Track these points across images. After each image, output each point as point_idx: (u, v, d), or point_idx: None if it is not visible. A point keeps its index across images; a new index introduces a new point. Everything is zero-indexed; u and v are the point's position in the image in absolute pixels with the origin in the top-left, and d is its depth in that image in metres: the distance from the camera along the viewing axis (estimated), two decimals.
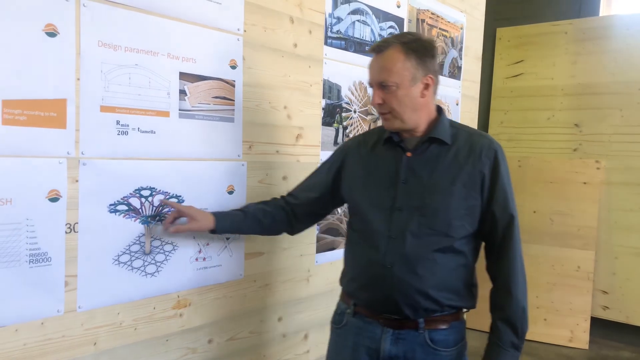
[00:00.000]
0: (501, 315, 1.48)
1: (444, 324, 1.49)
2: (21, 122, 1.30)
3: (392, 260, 1.45)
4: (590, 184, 4.00)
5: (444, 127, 1.50)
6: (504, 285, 1.48)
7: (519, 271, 1.48)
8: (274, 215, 1.68)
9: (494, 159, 1.47)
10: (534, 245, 4.09)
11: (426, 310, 1.46)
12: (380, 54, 1.45)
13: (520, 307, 1.46)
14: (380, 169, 1.54)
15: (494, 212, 1.47)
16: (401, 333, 1.48)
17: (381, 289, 1.47)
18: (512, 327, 1.46)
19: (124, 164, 1.51)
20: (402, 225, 1.46)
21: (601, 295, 4.03)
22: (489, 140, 1.50)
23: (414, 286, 1.44)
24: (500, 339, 1.46)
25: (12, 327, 1.32)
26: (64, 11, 1.36)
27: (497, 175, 1.46)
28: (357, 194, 1.59)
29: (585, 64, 4.21)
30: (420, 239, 1.44)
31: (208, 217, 1.59)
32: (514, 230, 1.48)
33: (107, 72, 1.46)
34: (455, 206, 1.45)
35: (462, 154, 1.48)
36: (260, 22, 1.87)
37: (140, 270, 1.57)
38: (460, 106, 3.02)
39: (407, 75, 1.43)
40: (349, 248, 1.62)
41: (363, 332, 1.53)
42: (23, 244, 1.32)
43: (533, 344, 3.97)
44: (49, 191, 1.36)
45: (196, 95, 1.68)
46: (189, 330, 1.73)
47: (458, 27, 2.95)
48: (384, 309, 1.49)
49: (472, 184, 1.45)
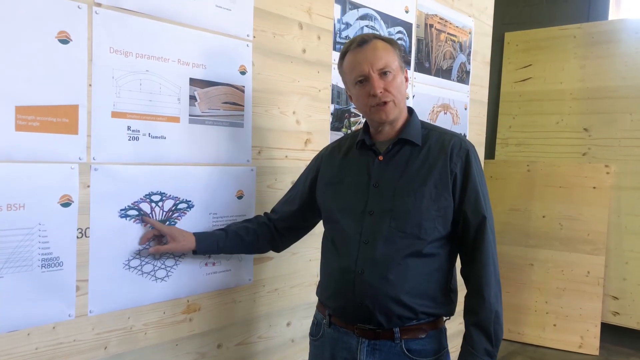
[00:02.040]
0: (474, 320, 1.41)
1: (421, 333, 1.43)
2: (34, 128, 1.31)
3: (363, 266, 1.41)
4: (599, 188, 3.98)
5: (415, 128, 1.48)
6: (475, 289, 1.42)
7: (491, 274, 1.41)
8: (256, 232, 1.66)
9: (465, 158, 1.43)
10: (543, 250, 4.07)
11: (400, 318, 1.40)
12: (367, 45, 1.43)
13: (492, 311, 1.39)
14: (352, 173, 1.51)
15: (465, 213, 1.42)
16: (377, 344, 1.42)
17: (353, 296, 1.42)
18: (485, 333, 1.39)
19: (135, 169, 1.52)
20: (373, 229, 1.42)
21: (611, 300, 4.00)
22: (460, 140, 1.46)
23: (385, 292, 1.39)
24: (473, 346, 1.39)
25: (25, 331, 1.33)
26: (77, 18, 1.38)
27: (468, 174, 1.42)
28: (329, 200, 1.55)
29: (594, 68, 4.19)
30: (392, 243, 1.40)
31: (189, 237, 1.58)
32: (486, 231, 1.42)
33: (119, 78, 1.47)
34: (426, 207, 1.40)
35: (433, 154, 1.44)
36: (270, 28, 1.88)
37: (151, 275, 1.58)
38: (468, 111, 3.02)
39: (398, 64, 1.45)
40: (323, 257, 1.58)
41: (339, 343, 1.48)
42: (35, 248, 1.33)
43: (542, 350, 3.95)
44: (60, 196, 1.38)
45: (206, 100, 1.69)
46: (199, 335, 1.74)
47: (466, 31, 2.95)
48: (357, 317, 1.43)
49: (444, 184, 1.41)
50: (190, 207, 1.66)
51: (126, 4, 1.48)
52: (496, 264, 1.43)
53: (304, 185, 1.67)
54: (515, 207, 4.22)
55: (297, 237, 1.77)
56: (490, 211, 1.45)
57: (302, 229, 1.75)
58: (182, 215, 1.64)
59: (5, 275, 1.29)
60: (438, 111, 2.75)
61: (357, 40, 1.45)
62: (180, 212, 1.63)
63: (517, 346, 4.01)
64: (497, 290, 1.41)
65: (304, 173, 1.71)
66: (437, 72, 2.74)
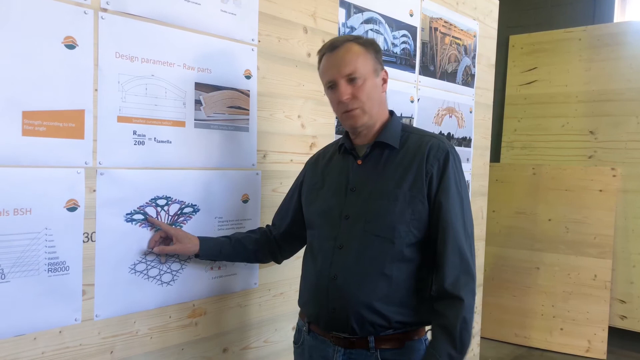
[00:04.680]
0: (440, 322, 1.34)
1: (396, 343, 1.38)
2: (40, 132, 1.32)
3: (336, 271, 1.39)
4: (606, 191, 3.96)
5: (393, 131, 1.45)
6: (442, 292, 1.34)
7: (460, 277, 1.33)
8: (259, 242, 1.67)
9: (443, 160, 1.37)
10: (549, 254, 4.05)
11: (373, 326, 1.36)
12: (338, 50, 1.39)
13: (460, 316, 1.31)
14: (332, 179, 1.51)
15: (437, 216, 1.36)
16: (352, 353, 1.39)
17: (327, 302, 1.40)
18: (450, 337, 1.31)
19: (141, 173, 1.53)
20: (348, 233, 1.40)
21: (619, 304, 3.98)
22: (439, 141, 1.41)
23: (358, 298, 1.35)
24: (436, 349, 1.31)
25: (31, 335, 1.34)
26: (83, 24, 1.39)
27: (443, 177, 1.36)
28: (310, 207, 1.55)
29: (599, 71, 4.18)
30: (365, 248, 1.37)
31: (193, 240, 1.58)
32: (454, 236, 1.34)
33: (124, 83, 1.48)
34: (400, 210, 1.36)
35: (409, 156, 1.40)
36: (275, 33, 1.88)
37: (156, 279, 1.58)
38: (473, 114, 3.01)
39: (370, 67, 1.40)
40: (302, 263, 1.57)
41: (316, 351, 1.47)
42: (42, 253, 1.34)
43: (549, 354, 3.92)
44: (67, 201, 1.38)
45: (211, 105, 1.69)
46: (204, 339, 1.73)
47: (471, 34, 2.95)
48: (332, 325, 1.41)
49: (418, 187, 1.37)
50: (196, 211, 1.67)
51: (132, 9, 1.48)
52: (467, 267, 1.35)
53: (292, 197, 1.66)
54: (521, 211, 4.20)
55: (297, 247, 1.73)
56: (466, 216, 1.38)
57: (301, 239, 1.65)
58: (187, 219, 1.64)
59: (12, 280, 1.29)
60: (443, 114, 2.75)
61: (327, 45, 1.43)
62: (186, 216, 1.64)
63: (523, 350, 3.99)
64: (467, 294, 1.33)
65: (293, 184, 1.70)
66: (442, 76, 2.74)
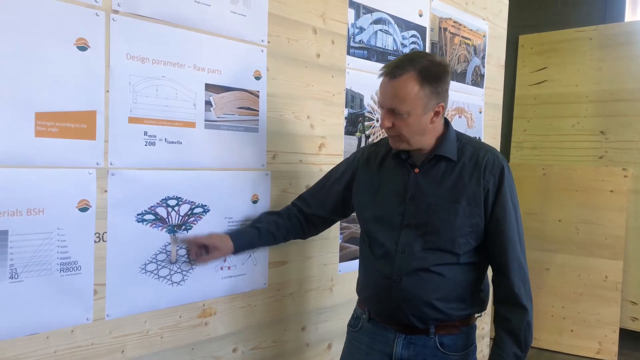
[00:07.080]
0: (505, 326, 1.49)
1: (454, 330, 1.53)
2: (53, 134, 1.33)
3: (400, 274, 1.49)
4: (617, 192, 3.92)
5: (450, 143, 1.51)
6: (506, 298, 1.50)
7: (520, 284, 1.48)
8: (287, 227, 1.73)
9: (499, 175, 1.48)
10: (560, 255, 4.02)
11: (435, 320, 1.51)
12: (395, 80, 1.40)
13: (524, 320, 1.47)
14: (389, 185, 1.57)
15: (494, 228, 1.48)
16: (412, 338, 1.53)
17: (390, 301, 1.52)
18: (516, 339, 1.47)
19: (151, 174, 1.54)
20: (410, 241, 1.49)
21: (630, 306, 3.94)
22: (494, 156, 1.50)
23: (421, 299, 1.48)
24: (503, 349, 1.47)
25: (44, 334, 1.35)
26: (95, 25, 1.40)
27: (499, 192, 1.47)
28: (367, 210, 1.61)
29: (610, 71, 4.14)
30: (427, 255, 1.48)
31: (227, 242, 1.62)
32: (512, 245, 1.48)
33: (135, 84, 1.49)
34: (460, 224, 1.46)
35: (467, 171, 1.49)
36: (284, 33, 1.89)
37: (167, 279, 1.59)
38: (483, 114, 3.00)
39: (419, 105, 1.41)
40: (361, 260, 1.67)
41: (377, 336, 1.58)
42: (54, 252, 1.35)
43: (560, 356, 3.89)
44: (79, 201, 1.39)
45: (221, 106, 1.70)
46: (214, 339, 1.74)
47: (480, 35, 2.94)
48: (394, 318, 1.54)
49: (476, 201, 1.47)
50: (206, 212, 1.67)
51: (143, 11, 1.49)
52: (524, 275, 1.49)
53: (339, 183, 1.71)
54: (531, 211, 4.17)
55: (327, 226, 1.87)
56: (516, 230, 1.49)
57: (332, 221, 1.85)
58: (198, 220, 1.65)
59: (25, 279, 1.31)
60: (452, 115, 2.74)
61: (390, 68, 1.42)
62: (196, 217, 1.65)
63: (533, 352, 3.96)
64: (528, 300, 1.48)
65: (339, 171, 1.74)
66: (452, 76, 2.73)
